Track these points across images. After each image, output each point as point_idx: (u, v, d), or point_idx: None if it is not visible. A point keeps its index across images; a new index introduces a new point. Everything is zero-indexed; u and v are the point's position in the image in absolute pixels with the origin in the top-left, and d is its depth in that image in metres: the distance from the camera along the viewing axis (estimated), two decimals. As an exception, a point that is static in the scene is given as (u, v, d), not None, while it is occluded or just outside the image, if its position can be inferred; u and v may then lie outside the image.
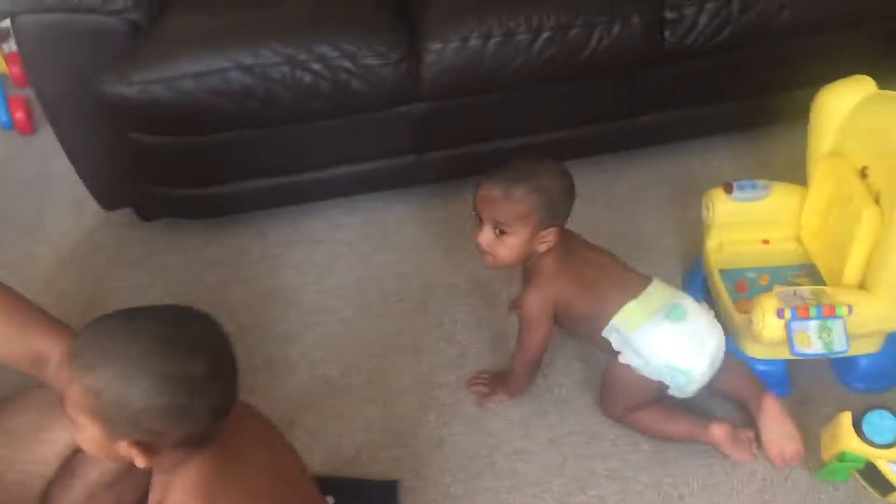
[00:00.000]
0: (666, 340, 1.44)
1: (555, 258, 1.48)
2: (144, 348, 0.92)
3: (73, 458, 1.32)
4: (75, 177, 2.17)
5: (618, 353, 1.49)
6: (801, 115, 1.68)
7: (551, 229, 1.44)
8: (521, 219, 1.42)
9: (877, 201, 1.51)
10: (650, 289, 1.49)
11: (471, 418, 1.61)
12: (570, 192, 1.45)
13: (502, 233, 1.44)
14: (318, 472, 1.52)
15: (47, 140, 2.37)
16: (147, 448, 0.97)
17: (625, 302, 1.46)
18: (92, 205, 2.13)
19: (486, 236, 1.45)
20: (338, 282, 1.92)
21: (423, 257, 1.96)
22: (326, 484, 1.47)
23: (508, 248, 1.45)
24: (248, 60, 1.74)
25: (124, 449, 0.97)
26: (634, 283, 1.50)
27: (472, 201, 1.47)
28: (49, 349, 1.23)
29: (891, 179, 1.48)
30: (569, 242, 1.51)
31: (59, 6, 1.68)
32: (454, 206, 2.09)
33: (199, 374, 0.93)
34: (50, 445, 1.32)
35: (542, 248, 1.46)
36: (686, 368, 1.45)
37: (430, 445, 1.57)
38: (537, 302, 1.50)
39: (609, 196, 2.10)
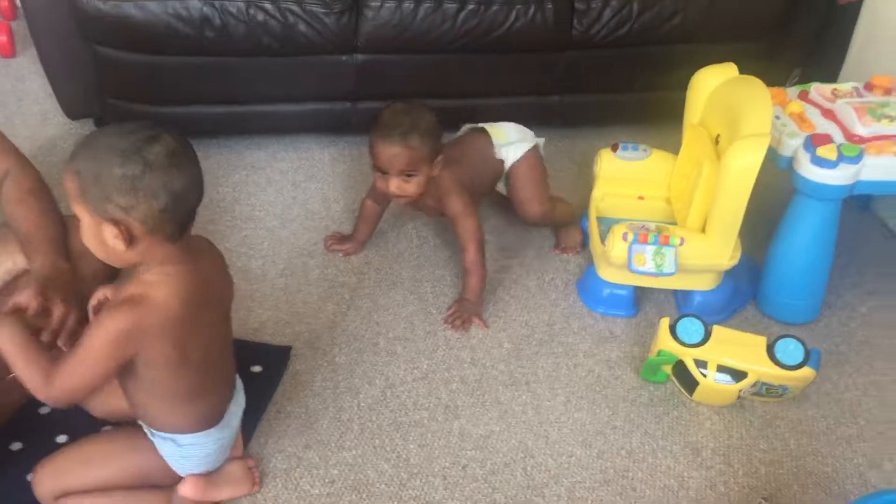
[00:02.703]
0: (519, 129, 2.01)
1: (447, 170, 1.81)
2: (112, 137, 1.14)
3: (11, 282, 1.56)
4: (45, 94, 2.45)
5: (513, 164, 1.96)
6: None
7: (440, 156, 1.77)
8: (422, 160, 1.75)
9: (721, 163, 1.81)
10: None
11: (364, 311, 1.88)
12: (438, 121, 1.78)
13: (409, 176, 1.75)
14: (226, 335, 1.77)
15: (24, 63, 2.66)
16: (127, 232, 1.13)
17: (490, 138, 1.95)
18: (56, 118, 2.41)
19: (397, 184, 1.77)
20: (269, 200, 2.20)
21: (348, 189, 2.24)
22: (231, 344, 1.73)
23: (417, 185, 1.78)
24: (210, -8, 2.02)
25: (110, 234, 1.14)
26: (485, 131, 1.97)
27: (373, 161, 1.77)
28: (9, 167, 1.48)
29: (730, 143, 1.79)
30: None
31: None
32: (381, 154, 2.37)
33: (152, 155, 1.11)
34: (-8, 269, 1.57)
35: (437, 171, 1.78)
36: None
37: (326, 326, 1.83)
38: (461, 199, 1.83)
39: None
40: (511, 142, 1.95)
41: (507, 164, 1.96)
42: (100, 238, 1.16)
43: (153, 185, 1.12)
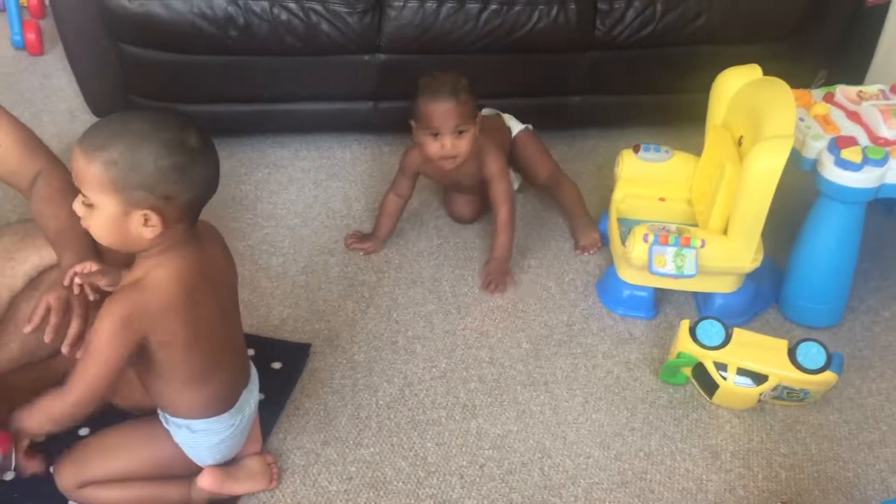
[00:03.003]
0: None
1: (482, 135, 1.91)
2: (146, 125, 1.15)
3: (37, 277, 1.59)
4: (72, 92, 2.48)
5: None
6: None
7: (478, 113, 1.86)
8: (470, 116, 1.85)
9: (743, 165, 1.80)
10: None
11: (384, 310, 1.89)
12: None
13: (461, 133, 1.83)
14: (246, 332, 1.77)
15: (52, 60, 2.70)
16: (160, 214, 1.14)
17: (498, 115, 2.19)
18: (83, 115, 2.44)
19: (451, 142, 1.83)
20: (291, 198, 2.21)
21: (370, 187, 2.25)
22: (251, 340, 1.74)
23: (467, 142, 1.85)
24: (235, -9, 2.04)
25: (136, 222, 1.14)
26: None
27: (424, 125, 1.82)
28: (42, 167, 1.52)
29: (752, 145, 1.78)
30: None
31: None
32: (402, 154, 2.37)
33: (193, 143, 1.15)
34: (20, 264, 1.59)
35: (477, 130, 1.88)
36: None
37: (345, 324, 1.84)
38: (498, 161, 1.94)
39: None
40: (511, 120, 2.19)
41: (512, 135, 2.15)
42: (122, 226, 1.16)
43: (195, 173, 1.16)
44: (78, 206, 1.18)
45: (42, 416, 1.27)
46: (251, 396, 1.43)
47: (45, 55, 2.74)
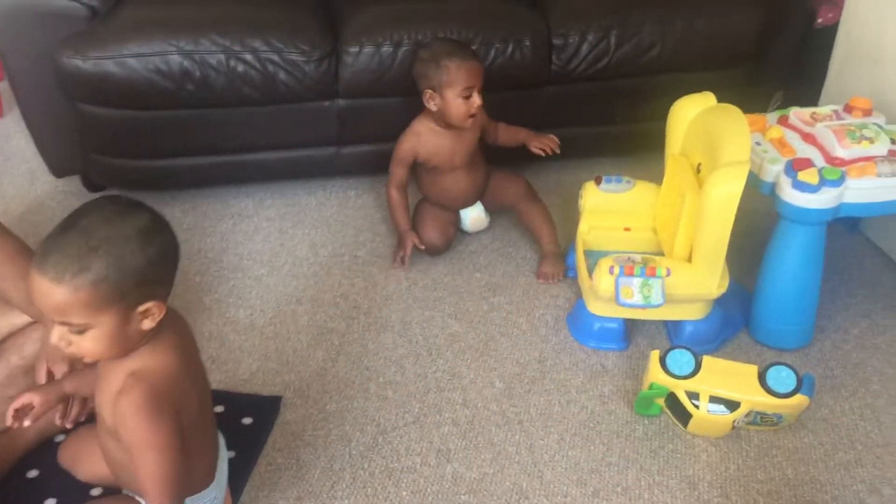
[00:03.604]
0: None
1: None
2: (106, 227, 1.09)
3: (0, 345, 1.56)
4: (31, 153, 2.47)
5: None
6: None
7: None
8: None
9: (704, 191, 1.81)
10: None
11: (354, 357, 1.87)
12: None
13: (479, 91, 1.97)
14: (215, 388, 1.75)
15: (11, 123, 2.68)
16: (158, 299, 1.14)
17: None
18: (43, 176, 2.42)
19: (479, 98, 1.97)
20: (257, 248, 2.19)
21: (335, 234, 2.24)
22: (220, 396, 1.73)
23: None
24: (189, 47, 2.04)
25: (136, 322, 1.13)
26: None
27: (459, 84, 1.93)
28: None
29: (710, 172, 1.79)
30: None
31: (31, -11, 1.98)
32: (368, 196, 2.39)
33: (152, 219, 1.14)
34: (-25, 337, 1.56)
35: None
36: None
37: (315, 374, 1.82)
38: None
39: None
40: None
41: None
42: (123, 334, 1.13)
43: (170, 246, 1.17)
44: (62, 338, 1.12)
45: None
46: (224, 465, 1.41)
47: (3, 118, 2.72)
